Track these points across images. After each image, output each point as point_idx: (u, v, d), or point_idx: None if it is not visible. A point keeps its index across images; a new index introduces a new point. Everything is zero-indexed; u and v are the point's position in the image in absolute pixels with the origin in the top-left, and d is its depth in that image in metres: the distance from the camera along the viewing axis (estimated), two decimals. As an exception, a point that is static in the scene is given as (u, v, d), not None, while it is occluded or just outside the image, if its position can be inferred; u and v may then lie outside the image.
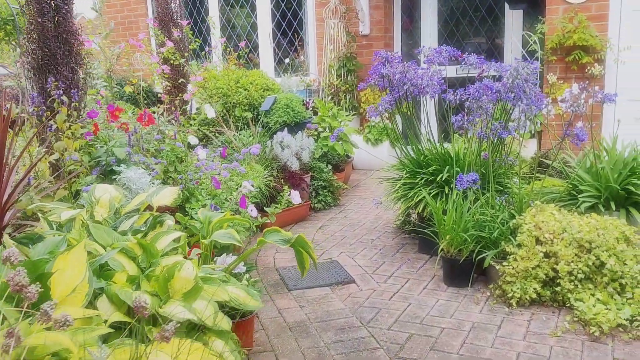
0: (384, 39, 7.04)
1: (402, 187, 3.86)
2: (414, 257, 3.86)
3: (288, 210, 4.70)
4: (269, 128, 5.26)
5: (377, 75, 3.59)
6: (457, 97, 3.32)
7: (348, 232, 4.51)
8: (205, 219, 2.42)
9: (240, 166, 4.16)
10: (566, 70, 5.43)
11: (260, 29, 7.70)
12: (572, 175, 3.54)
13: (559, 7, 5.42)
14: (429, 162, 3.84)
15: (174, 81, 5.18)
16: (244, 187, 3.04)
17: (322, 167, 5.25)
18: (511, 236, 3.19)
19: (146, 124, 3.53)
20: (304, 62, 7.33)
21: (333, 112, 5.78)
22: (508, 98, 3.25)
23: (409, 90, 3.58)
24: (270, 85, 5.82)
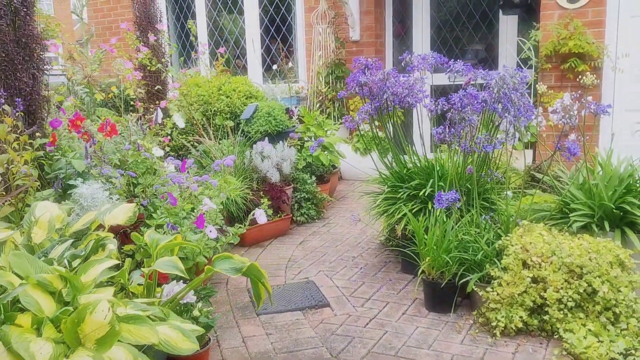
0: (374, 45, 6.82)
1: (384, 202, 3.62)
2: (396, 278, 3.61)
3: (267, 225, 4.46)
4: (250, 137, 5.02)
5: (356, 84, 3.36)
6: (439, 107, 3.09)
7: (329, 249, 4.27)
8: (152, 243, 2.18)
9: (212, 179, 3.93)
10: (561, 78, 5.20)
11: (248, 34, 7.49)
12: (563, 192, 3.30)
13: (553, 13, 5.20)
14: (412, 175, 3.60)
15: (151, 88, 4.95)
16: (204, 205, 2.80)
17: (306, 178, 5.01)
18: (496, 258, 2.95)
19: (108, 134, 3.30)
20: (293, 69, 7.10)
21: (319, 120, 5.55)
22: (495, 109, 3.01)
23: (389, 99, 3.34)
24: (253, 92, 5.59)
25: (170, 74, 4.94)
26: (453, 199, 2.72)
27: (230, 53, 7.74)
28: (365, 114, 3.33)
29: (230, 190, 4.22)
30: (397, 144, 3.79)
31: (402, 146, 3.73)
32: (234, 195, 4.21)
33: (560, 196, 3.38)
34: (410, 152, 3.66)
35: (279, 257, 4.12)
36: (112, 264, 1.90)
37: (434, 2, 6.78)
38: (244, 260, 2.12)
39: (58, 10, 25.63)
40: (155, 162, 3.40)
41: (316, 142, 3.81)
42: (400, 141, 3.75)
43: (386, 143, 4.04)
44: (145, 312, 1.66)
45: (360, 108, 3.39)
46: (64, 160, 3.36)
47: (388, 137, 3.64)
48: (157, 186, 3.50)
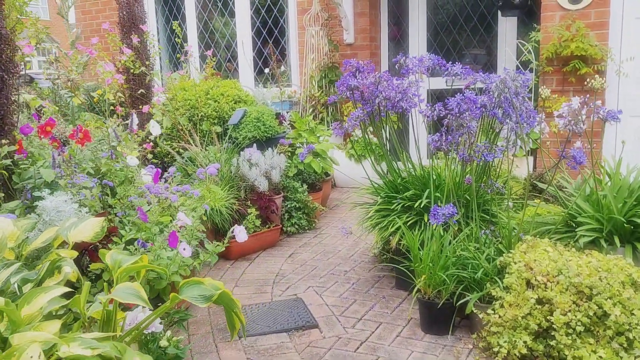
0: (369, 48, 6.60)
1: (377, 214, 3.39)
2: (390, 295, 3.38)
3: (254, 236, 4.22)
4: (238, 144, 4.80)
5: (346, 87, 3.13)
6: (435, 112, 2.86)
7: (320, 262, 4.03)
8: (114, 265, 1.95)
9: (195, 188, 3.70)
10: (563, 82, 4.99)
11: (239, 37, 7.27)
12: (569, 204, 3.08)
13: (555, 14, 4.99)
14: (407, 185, 3.38)
15: (134, 92, 4.72)
16: (178, 221, 2.57)
17: (297, 186, 4.78)
18: (498, 277, 2.72)
19: (80, 142, 3.07)
20: (285, 72, 6.88)
21: (311, 126, 5.33)
22: (495, 114, 2.79)
23: (382, 104, 3.12)
24: (243, 96, 5.37)
25: (155, 77, 4.71)
26: (450, 213, 2.49)
27: (221, 56, 7.52)
28: (356, 120, 3.11)
29: (215, 200, 3.98)
30: (391, 152, 3.57)
31: (396, 153, 3.51)
32: (219, 206, 3.98)
33: (565, 207, 3.16)
34: (405, 160, 3.44)
35: (267, 271, 3.88)
36: (60, 292, 1.67)
37: (431, 4, 6.58)
38: (217, 286, 1.89)
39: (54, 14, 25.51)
40: (130, 172, 3.17)
41: (306, 148, 3.58)
42: (394, 149, 3.53)
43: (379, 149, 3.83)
44: (95, 350, 1.43)
45: (350, 114, 3.17)
46: (32, 169, 3.13)
47: (381, 144, 3.42)
48: (134, 197, 3.27)
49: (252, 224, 4.22)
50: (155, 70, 4.68)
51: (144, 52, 4.74)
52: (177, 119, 4.83)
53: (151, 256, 2.38)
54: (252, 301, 3.36)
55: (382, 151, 3.47)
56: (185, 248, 2.41)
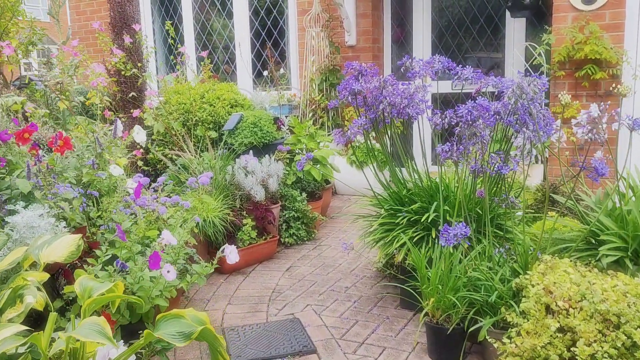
0: (372, 50, 6.38)
1: (380, 228, 3.15)
2: (394, 315, 3.14)
3: (250, 248, 3.99)
4: (235, 150, 4.56)
5: (348, 92, 2.90)
6: (446, 120, 2.63)
7: (320, 277, 3.79)
8: (84, 293, 1.72)
9: (185, 198, 3.47)
10: (576, 87, 4.75)
11: (237, 39, 7.04)
12: (589, 219, 2.84)
13: (567, 15, 4.76)
14: (413, 197, 3.14)
15: (124, 95, 4.50)
16: (162, 239, 2.33)
17: (295, 195, 4.55)
18: (513, 300, 2.48)
19: (59, 149, 2.83)
20: (285, 75, 6.66)
21: (310, 131, 5.09)
22: (509, 122, 2.55)
23: (386, 111, 2.88)
24: (240, 100, 5.14)
25: (148, 79, 4.48)
26: (462, 234, 2.24)
27: (219, 58, 7.30)
28: (358, 127, 2.87)
29: (208, 211, 3.75)
30: (395, 160, 3.34)
31: (401, 162, 3.27)
32: (212, 217, 3.74)
33: (583, 222, 2.92)
34: (410, 169, 3.20)
35: (262, 287, 3.65)
36: (14, 330, 1.43)
37: (436, 4, 6.35)
38: (201, 319, 1.65)
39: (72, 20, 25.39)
40: (114, 182, 2.94)
41: (304, 157, 3.35)
42: (399, 157, 3.29)
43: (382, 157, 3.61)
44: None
45: (353, 121, 2.94)
46: (9, 179, 2.90)
47: (385, 153, 3.18)
48: (120, 209, 3.03)
49: (248, 235, 3.98)
50: (147, 73, 4.45)
51: (136, 53, 4.51)
52: (170, 123, 4.60)
53: (131, 279, 2.15)
54: (245, 321, 3.12)
55: (387, 161, 3.23)
56: (170, 270, 2.17)
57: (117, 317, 2.20)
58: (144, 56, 4.53)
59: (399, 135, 3.22)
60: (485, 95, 3.02)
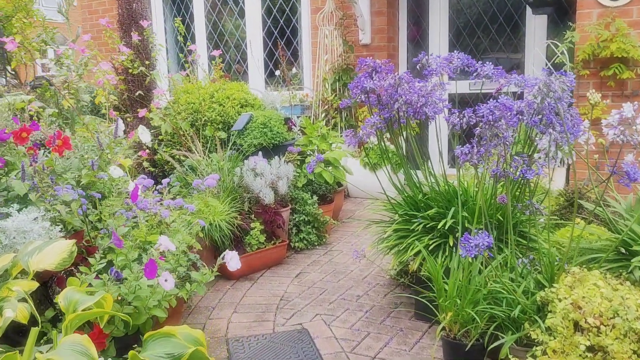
0: (387, 49, 6.20)
1: (394, 235, 2.97)
2: (409, 327, 2.96)
3: (258, 253, 3.84)
4: (243, 151, 4.42)
5: (360, 90, 2.73)
6: (465, 120, 2.45)
7: (330, 284, 3.63)
8: (68, 307, 1.57)
9: (191, 201, 3.33)
10: (601, 86, 4.53)
11: (249, 37, 6.91)
12: (619, 227, 2.63)
13: (592, 12, 4.54)
14: (429, 202, 2.96)
15: (131, 93, 4.37)
16: (160, 245, 2.18)
17: (306, 198, 4.39)
18: (538, 315, 2.29)
19: (57, 149, 2.70)
20: (297, 75, 6.50)
21: (322, 132, 4.93)
22: (534, 123, 2.36)
23: (402, 110, 2.71)
24: (250, 100, 4.99)
25: (156, 78, 4.36)
26: (485, 244, 2.05)
27: (230, 58, 7.17)
28: (371, 127, 2.70)
29: (215, 214, 3.60)
30: (410, 163, 3.16)
31: (416, 164, 3.10)
32: (219, 220, 3.60)
33: (612, 230, 2.72)
34: (426, 172, 3.02)
35: (270, 294, 3.49)
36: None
37: (453, 2, 6.15)
38: (195, 337, 1.49)
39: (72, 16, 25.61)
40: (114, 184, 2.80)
41: (314, 159, 3.18)
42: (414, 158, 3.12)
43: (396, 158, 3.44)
44: None
45: (365, 120, 2.77)
46: (5, 180, 2.78)
47: (400, 155, 3.01)
48: (122, 211, 2.90)
49: (256, 240, 3.83)
50: (155, 71, 4.33)
51: (144, 51, 4.39)
52: (178, 123, 4.47)
53: (125, 288, 2.00)
54: (251, 331, 2.97)
55: (401, 163, 3.06)
56: (168, 279, 2.02)
57: (111, 329, 2.06)
58: (152, 54, 4.40)
59: (415, 136, 3.05)
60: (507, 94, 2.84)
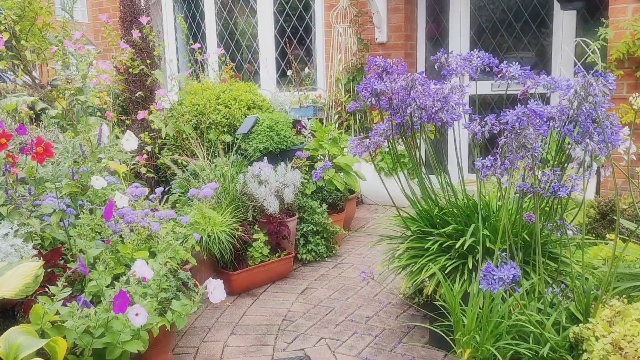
0: (404, 47, 5.89)
1: (406, 254, 2.68)
2: (423, 356, 2.67)
3: (262, 267, 3.57)
4: (249, 156, 4.16)
5: (369, 92, 2.44)
6: (486, 128, 2.14)
7: (338, 302, 3.34)
8: (9, 353, 1.31)
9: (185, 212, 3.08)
10: (636, 87, 4.18)
11: (261, 36, 6.65)
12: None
13: (627, 7, 4.18)
14: (446, 218, 2.66)
15: (132, 94, 4.14)
16: (136, 268, 1.91)
17: (315, 206, 4.11)
18: (571, 355, 1.98)
19: (37, 157, 2.47)
20: (310, 75, 6.23)
21: (334, 135, 4.65)
22: (568, 132, 2.05)
23: (415, 115, 2.42)
24: (258, 102, 4.73)
25: (158, 78, 4.12)
26: (511, 277, 1.74)
27: (242, 57, 6.92)
28: (380, 135, 2.41)
29: (215, 225, 3.34)
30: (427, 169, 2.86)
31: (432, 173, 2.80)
32: (218, 231, 3.34)
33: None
34: (444, 184, 2.72)
35: (272, 313, 3.22)
36: None
37: (475, -2, 5.82)
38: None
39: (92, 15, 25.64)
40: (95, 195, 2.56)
41: (321, 166, 2.90)
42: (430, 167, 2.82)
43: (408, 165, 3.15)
44: None
45: (374, 126, 2.48)
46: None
47: (414, 165, 2.71)
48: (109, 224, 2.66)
49: (259, 252, 3.57)
50: (157, 71, 4.09)
51: (145, 49, 4.15)
52: (180, 126, 4.23)
53: (92, 321, 1.74)
54: (248, 357, 2.70)
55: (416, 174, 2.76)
56: (139, 313, 1.76)
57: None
58: (154, 52, 4.16)
59: (432, 141, 2.74)
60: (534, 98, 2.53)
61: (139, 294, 1.92)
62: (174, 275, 2.54)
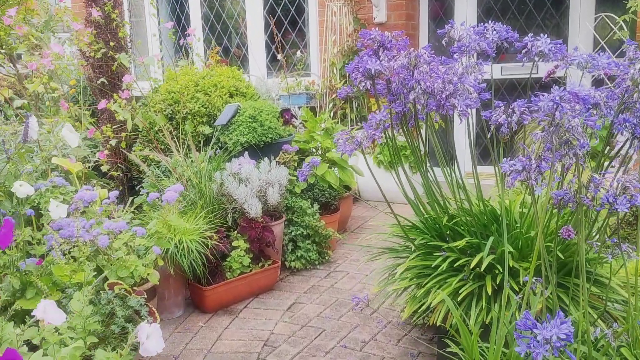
0: (405, 28, 5.35)
1: (410, 272, 2.19)
2: (428, 396, 2.19)
3: (242, 279, 3.09)
4: (229, 150, 3.66)
5: (362, 74, 1.93)
6: (514, 117, 1.64)
7: (329, 322, 2.86)
8: None
9: (145, 221, 2.59)
10: (671, 68, 3.64)
11: (249, 17, 6.12)
12: None
13: (661, -25, 3.64)
14: (458, 228, 2.16)
15: (94, 81, 3.64)
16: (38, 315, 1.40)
17: (305, 206, 3.62)
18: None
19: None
20: (303, 59, 5.70)
21: (327, 126, 4.14)
22: (626, 122, 1.55)
23: (420, 102, 1.91)
24: (242, 88, 4.22)
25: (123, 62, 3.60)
26: (565, 337, 1.22)
27: (229, 41, 6.40)
28: (376, 128, 1.91)
29: (184, 234, 2.85)
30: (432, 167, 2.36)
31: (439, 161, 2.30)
32: (188, 240, 2.85)
33: None
34: (454, 186, 2.21)
35: (252, 337, 2.74)
36: None
37: (483, -28, 5.28)
38: None
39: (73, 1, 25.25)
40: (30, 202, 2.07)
41: (307, 164, 2.39)
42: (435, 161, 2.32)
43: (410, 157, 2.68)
44: None
45: (369, 117, 1.97)
46: None
47: (418, 162, 2.21)
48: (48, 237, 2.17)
49: (239, 263, 3.09)
50: (122, 54, 3.58)
51: (107, 30, 3.63)
52: (151, 116, 3.72)
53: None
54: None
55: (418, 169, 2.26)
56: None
57: None
58: (118, 34, 3.64)
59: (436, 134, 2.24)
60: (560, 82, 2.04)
61: (53, 343, 1.44)
62: (122, 302, 2.06)
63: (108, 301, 2.04)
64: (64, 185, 2.69)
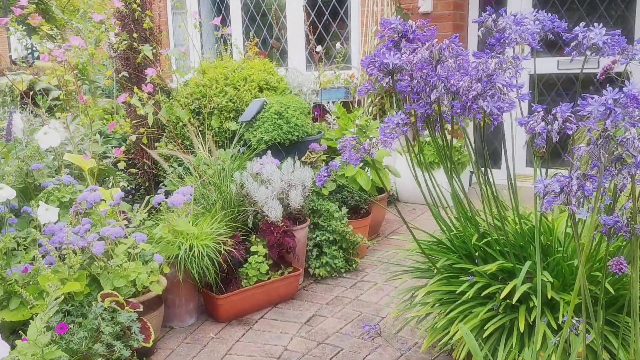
0: (452, 18, 4.99)
1: (432, 296, 1.91)
2: None
3: (259, 287, 2.89)
4: (253, 147, 3.46)
5: (378, 69, 1.67)
6: (555, 125, 1.34)
7: (349, 340, 2.62)
8: None
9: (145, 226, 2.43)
10: None
11: (289, 8, 5.90)
12: None
13: None
14: (489, 250, 1.87)
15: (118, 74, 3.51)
16: None
17: (332, 210, 3.38)
18: None
19: None
20: (342, 51, 5.44)
21: (361, 123, 3.87)
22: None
23: (444, 102, 1.63)
24: (272, 82, 4.01)
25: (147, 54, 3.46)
26: None
27: (268, 32, 6.21)
28: (394, 131, 1.65)
29: (197, 238, 2.67)
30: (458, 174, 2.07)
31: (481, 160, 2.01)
32: (200, 245, 2.66)
33: None
34: (488, 200, 1.92)
35: (263, 353, 2.53)
36: None
37: (540, -43, 4.84)
38: None
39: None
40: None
41: (325, 168, 2.14)
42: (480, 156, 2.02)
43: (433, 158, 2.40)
44: None
45: (385, 119, 1.71)
46: None
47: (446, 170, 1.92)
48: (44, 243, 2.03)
49: (256, 270, 2.88)
50: (146, 46, 3.43)
51: (131, 20, 3.50)
52: (175, 111, 3.57)
53: None
54: None
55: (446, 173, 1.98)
56: None
57: None
58: (143, 25, 3.49)
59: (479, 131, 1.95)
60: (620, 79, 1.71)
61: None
62: (111, 318, 1.89)
63: (96, 316, 1.88)
64: (72, 184, 2.56)
